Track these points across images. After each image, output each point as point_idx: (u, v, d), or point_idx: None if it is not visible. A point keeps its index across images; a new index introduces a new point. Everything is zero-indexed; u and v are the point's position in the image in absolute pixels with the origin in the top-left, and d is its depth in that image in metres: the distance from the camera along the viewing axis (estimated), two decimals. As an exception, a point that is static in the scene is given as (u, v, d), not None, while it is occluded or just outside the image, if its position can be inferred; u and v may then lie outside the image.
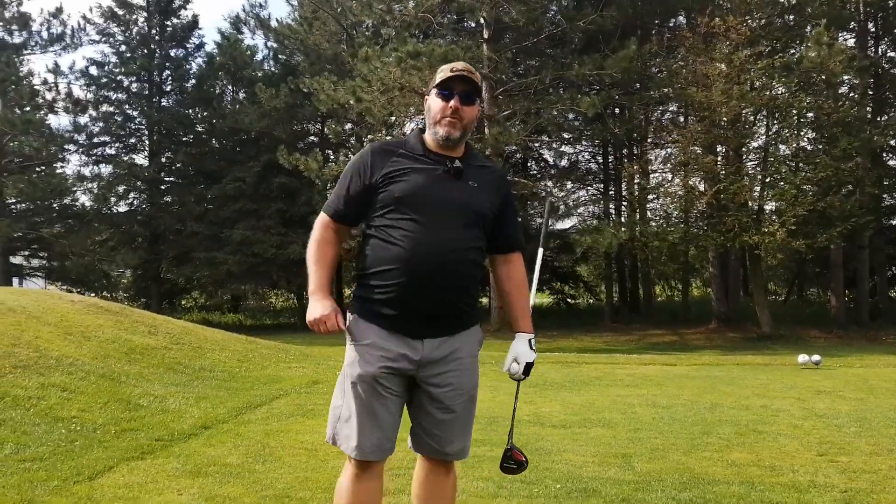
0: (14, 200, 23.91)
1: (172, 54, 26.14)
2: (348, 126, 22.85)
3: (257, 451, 4.21)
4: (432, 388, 2.17)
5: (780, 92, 16.83)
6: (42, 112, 23.51)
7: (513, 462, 2.32)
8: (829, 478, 3.70)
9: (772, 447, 4.41)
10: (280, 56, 25.93)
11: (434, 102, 2.20)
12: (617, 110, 21.87)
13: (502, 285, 2.33)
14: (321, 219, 2.24)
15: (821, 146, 17.62)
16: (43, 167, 24.11)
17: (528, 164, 25.50)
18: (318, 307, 2.13)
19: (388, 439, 2.15)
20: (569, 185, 23.74)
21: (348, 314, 2.20)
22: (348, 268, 16.96)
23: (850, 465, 3.97)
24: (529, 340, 2.30)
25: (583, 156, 25.33)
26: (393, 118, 18.13)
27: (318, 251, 2.20)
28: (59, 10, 28.44)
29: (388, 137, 17.13)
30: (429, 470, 2.28)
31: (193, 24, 26.13)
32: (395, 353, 2.11)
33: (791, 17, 18.13)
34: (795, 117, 17.76)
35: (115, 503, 3.22)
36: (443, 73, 2.20)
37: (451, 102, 2.15)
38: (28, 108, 23.18)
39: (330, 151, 22.94)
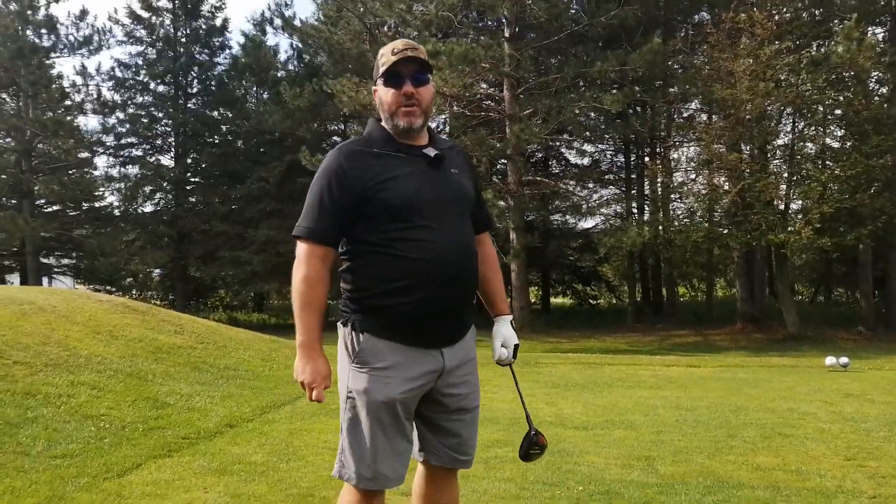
0: (45, 201, 24.47)
1: (198, 56, 26.51)
2: (370, 126, 22.97)
3: (281, 450, 4.26)
4: (451, 397, 2.05)
5: (806, 88, 16.56)
6: (72, 114, 24.01)
7: (538, 448, 2.19)
8: (858, 483, 3.64)
9: (798, 451, 4.35)
10: (304, 56, 26.16)
11: (384, 93, 1.99)
12: (639, 108, 21.71)
13: (479, 269, 2.14)
14: (305, 249, 1.93)
15: (849, 143, 17.30)
16: (73, 169, 24.62)
17: (549, 163, 25.42)
18: (308, 368, 1.90)
19: (406, 464, 2.04)
20: (591, 184, 23.63)
21: (353, 333, 1.98)
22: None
23: (879, 470, 3.90)
24: (511, 322, 2.23)
25: (605, 154, 25.20)
26: (414, 118, 18.14)
27: (308, 292, 1.91)
28: (85, 13, 28.82)
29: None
30: (440, 479, 2.14)
31: (223, 28, 26.53)
32: (418, 373, 1.96)
33: (819, 12, 17.82)
34: (822, 114, 17.46)
35: (143, 500, 3.28)
36: (384, 56, 1.99)
37: (404, 88, 1.96)
38: (59, 111, 23.69)
39: (352, 151, 23.03)
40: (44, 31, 23.78)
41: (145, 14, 25.45)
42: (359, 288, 1.98)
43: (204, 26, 26.38)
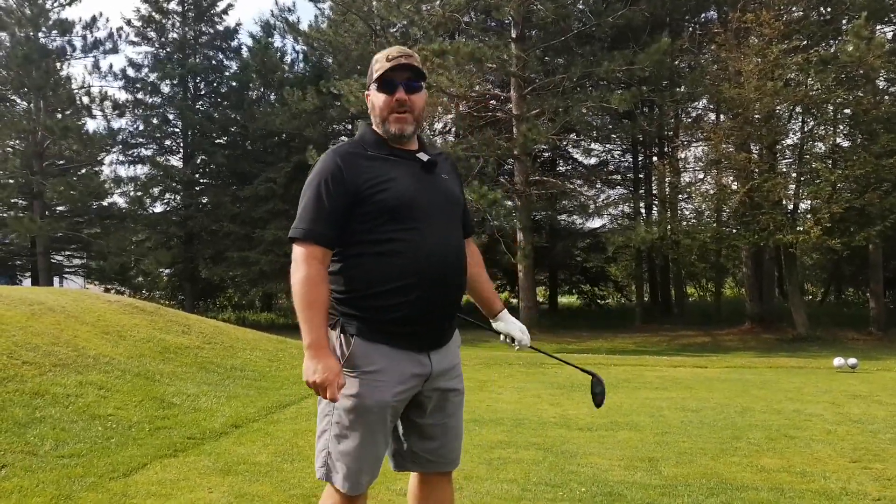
0: (55, 202, 24.67)
1: (208, 58, 26.65)
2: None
3: (286, 451, 4.28)
4: (437, 400, 2.05)
5: (815, 87, 16.46)
6: (80, 115, 24.16)
7: (599, 386, 2.47)
8: (862, 485, 3.63)
9: (803, 453, 4.33)
10: (310, 58, 26.25)
11: (377, 98, 2.00)
12: (646, 108, 21.66)
13: (469, 270, 2.16)
14: (303, 251, 1.90)
15: (858, 142, 17.20)
16: (82, 170, 24.80)
17: (557, 163, 25.39)
18: (320, 367, 1.84)
19: (380, 467, 2.04)
20: (598, 184, 23.60)
21: (342, 336, 1.96)
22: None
23: (885, 472, 3.88)
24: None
25: (612, 154, 25.15)
26: (421, 118, 18.20)
27: (311, 291, 1.87)
28: (96, 18, 29.07)
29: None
30: (432, 481, 2.14)
31: (234, 30, 26.80)
32: (407, 375, 1.95)
33: (827, 11, 17.72)
34: (831, 113, 17.36)
35: (149, 500, 3.31)
36: (379, 63, 2.00)
37: (396, 94, 1.96)
38: (67, 112, 23.86)
39: (359, 152, 23.09)
40: (54, 33, 23.95)
41: (156, 16, 25.64)
42: (351, 290, 1.96)
43: (213, 29, 26.55)
